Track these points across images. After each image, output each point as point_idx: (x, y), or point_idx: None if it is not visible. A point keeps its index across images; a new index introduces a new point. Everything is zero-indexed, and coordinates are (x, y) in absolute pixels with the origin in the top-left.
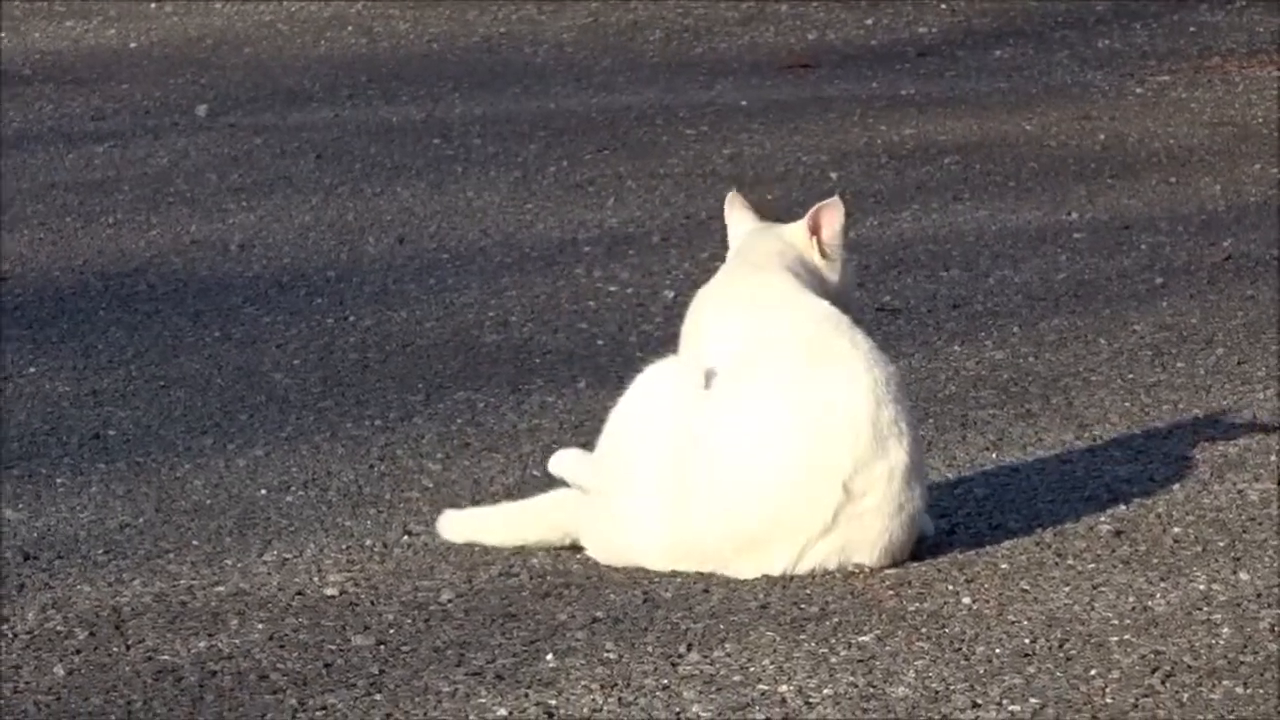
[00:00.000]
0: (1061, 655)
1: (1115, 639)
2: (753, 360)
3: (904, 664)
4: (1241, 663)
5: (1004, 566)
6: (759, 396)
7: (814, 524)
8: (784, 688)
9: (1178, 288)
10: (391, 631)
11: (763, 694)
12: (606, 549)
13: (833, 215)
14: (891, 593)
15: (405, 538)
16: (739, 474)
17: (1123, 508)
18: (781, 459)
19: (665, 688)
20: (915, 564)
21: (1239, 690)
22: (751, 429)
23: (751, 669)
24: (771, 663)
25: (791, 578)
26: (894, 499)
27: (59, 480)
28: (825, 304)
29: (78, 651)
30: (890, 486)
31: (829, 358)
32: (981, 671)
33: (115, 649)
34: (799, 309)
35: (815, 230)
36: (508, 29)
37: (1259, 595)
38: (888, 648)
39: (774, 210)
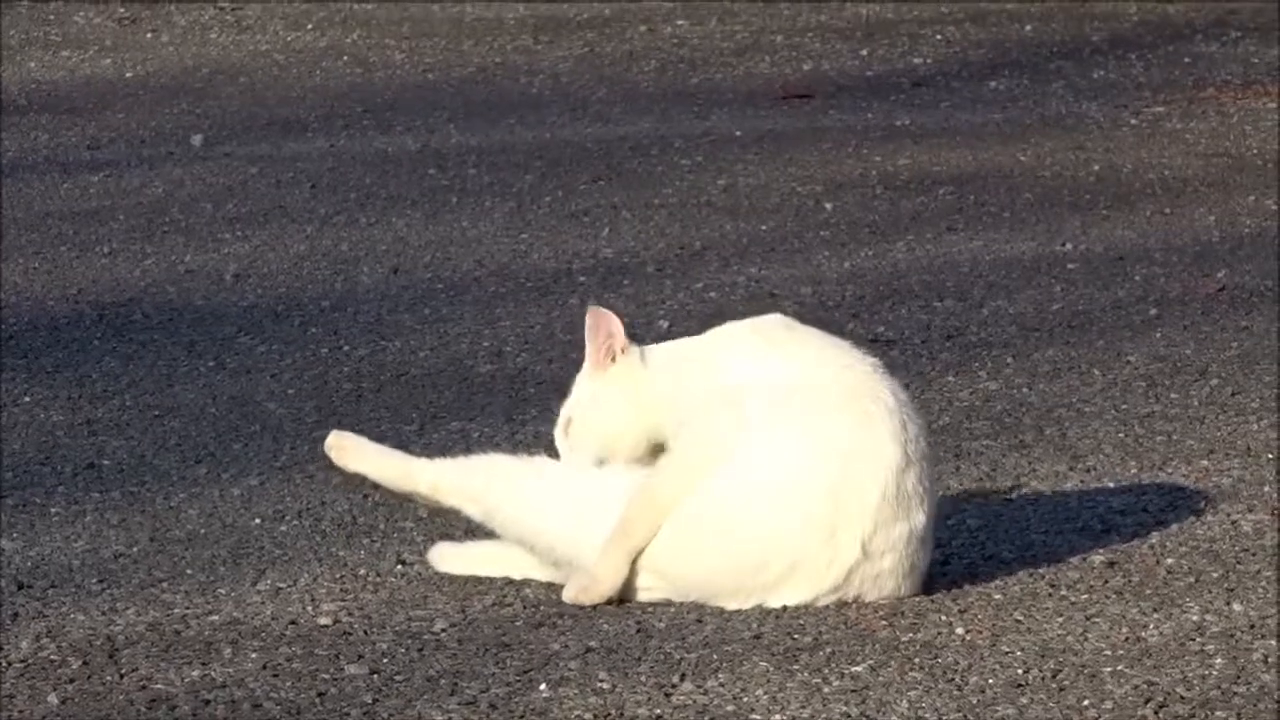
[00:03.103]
0: (1055, 686)
1: (1109, 670)
2: (787, 404)
3: (897, 694)
4: (1235, 694)
5: (997, 597)
6: (788, 443)
7: (826, 581)
8: (777, 718)
9: (1172, 319)
10: (385, 661)
11: None
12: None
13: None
14: (885, 623)
15: (399, 567)
16: (757, 521)
17: (1116, 538)
18: (804, 511)
19: (658, 717)
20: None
21: None
22: (775, 476)
23: (745, 699)
24: (765, 693)
25: (785, 608)
26: (909, 560)
27: (53, 509)
28: (860, 353)
29: (71, 680)
30: (908, 548)
31: (864, 410)
32: (975, 702)
33: (109, 678)
34: (836, 356)
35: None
36: (503, 59)
37: (1252, 626)
38: (881, 678)
39: (768, 241)
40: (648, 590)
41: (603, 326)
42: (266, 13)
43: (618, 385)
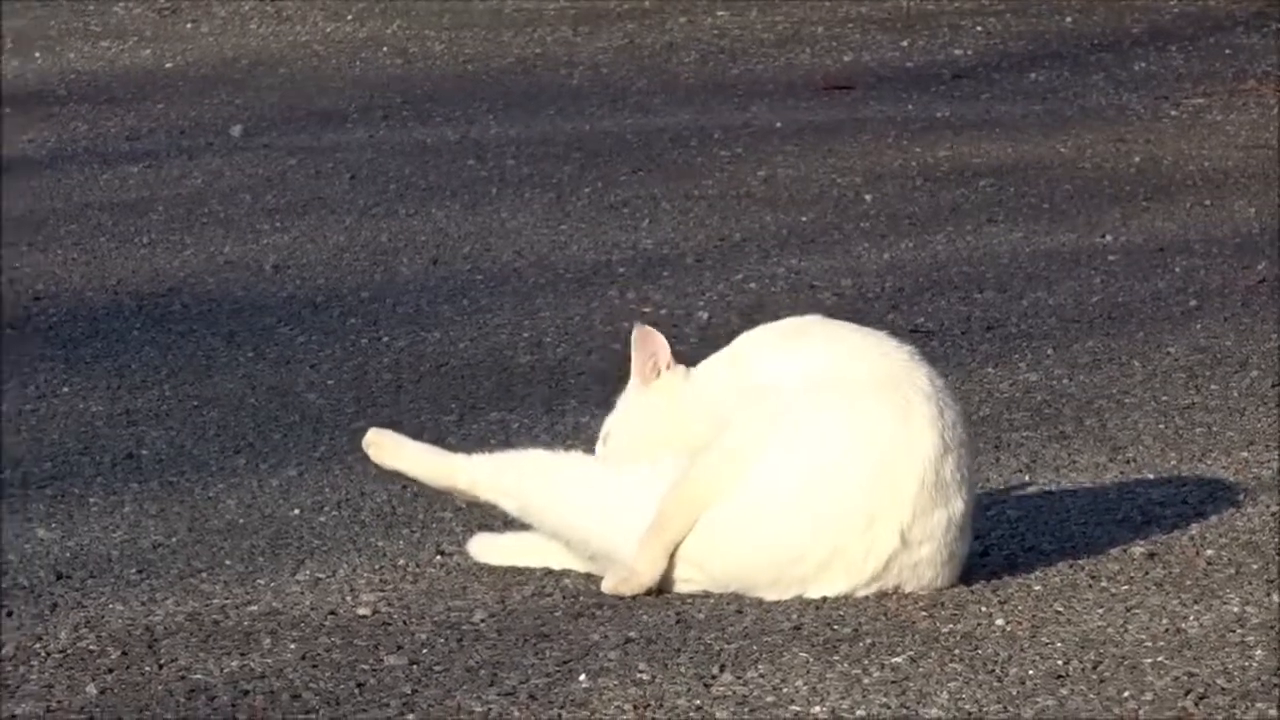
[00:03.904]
0: (1095, 677)
1: (1149, 661)
2: (824, 394)
3: (937, 685)
4: (1275, 685)
5: (1037, 588)
6: (826, 432)
7: (865, 570)
8: (817, 709)
9: (1212, 310)
10: (424, 651)
11: (796, 715)
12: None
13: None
14: (925, 614)
15: (438, 558)
16: (795, 512)
17: (1156, 530)
18: (842, 501)
19: (698, 708)
20: (949, 586)
21: (1272, 713)
22: (813, 466)
23: (784, 690)
24: (805, 683)
25: (824, 599)
26: (948, 548)
27: (92, 500)
28: (896, 342)
29: (110, 670)
30: (946, 536)
31: (901, 398)
32: (1015, 693)
33: (148, 668)
34: (873, 344)
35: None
36: (543, 50)
37: None
38: (921, 669)
39: (808, 232)
40: (687, 581)
41: (648, 344)
42: (306, 3)
43: (660, 400)
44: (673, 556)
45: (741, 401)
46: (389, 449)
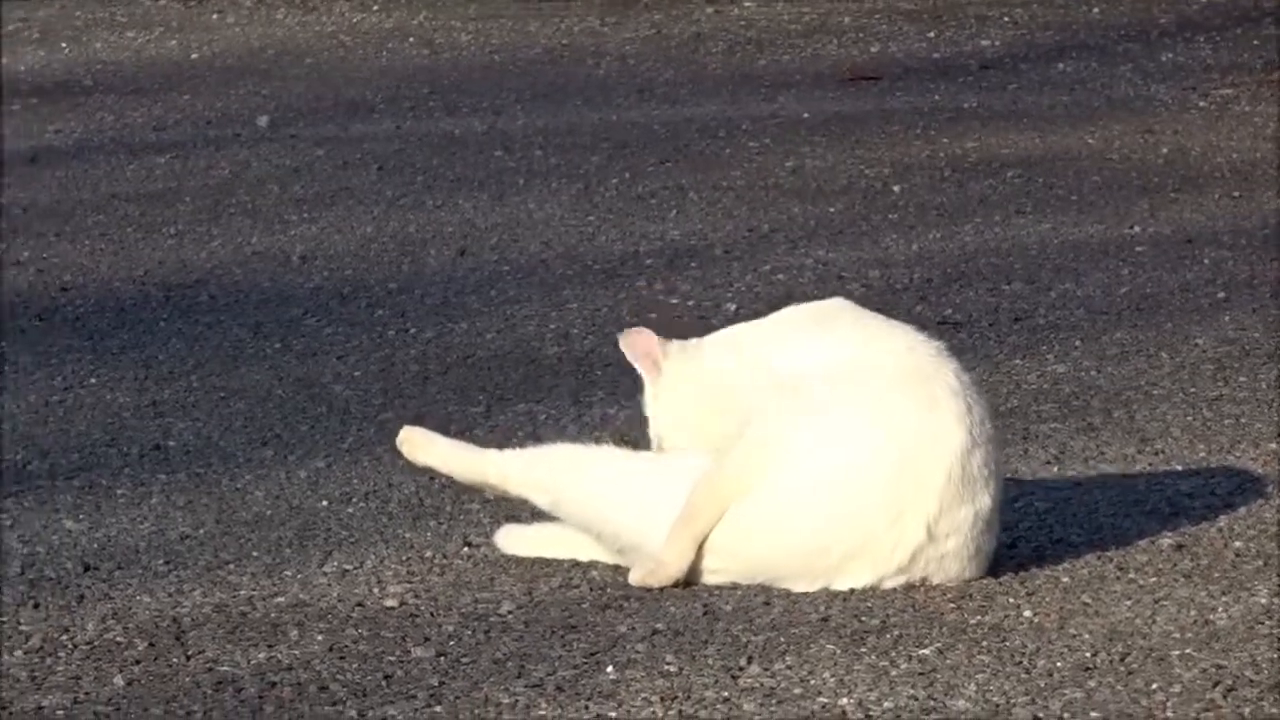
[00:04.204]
0: (1123, 669)
1: (1177, 653)
2: (851, 387)
3: (965, 677)
4: None
5: (1065, 580)
6: (853, 426)
7: (891, 563)
8: (844, 700)
9: (1240, 302)
10: (451, 643)
11: (823, 707)
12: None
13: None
14: (952, 606)
15: (465, 550)
16: (822, 504)
17: (1184, 521)
18: (869, 494)
19: (725, 700)
20: (975, 579)
21: None
22: (840, 458)
23: (812, 681)
24: (832, 675)
25: (852, 591)
26: (974, 542)
27: (119, 491)
28: (923, 336)
29: (138, 662)
30: (973, 531)
31: (928, 392)
32: (1043, 685)
33: (175, 660)
34: (899, 338)
35: None
36: (570, 41)
37: None
38: (948, 660)
39: (835, 223)
40: (714, 573)
41: (637, 347)
42: None
43: (675, 384)
44: (701, 547)
45: (769, 387)
46: (421, 445)
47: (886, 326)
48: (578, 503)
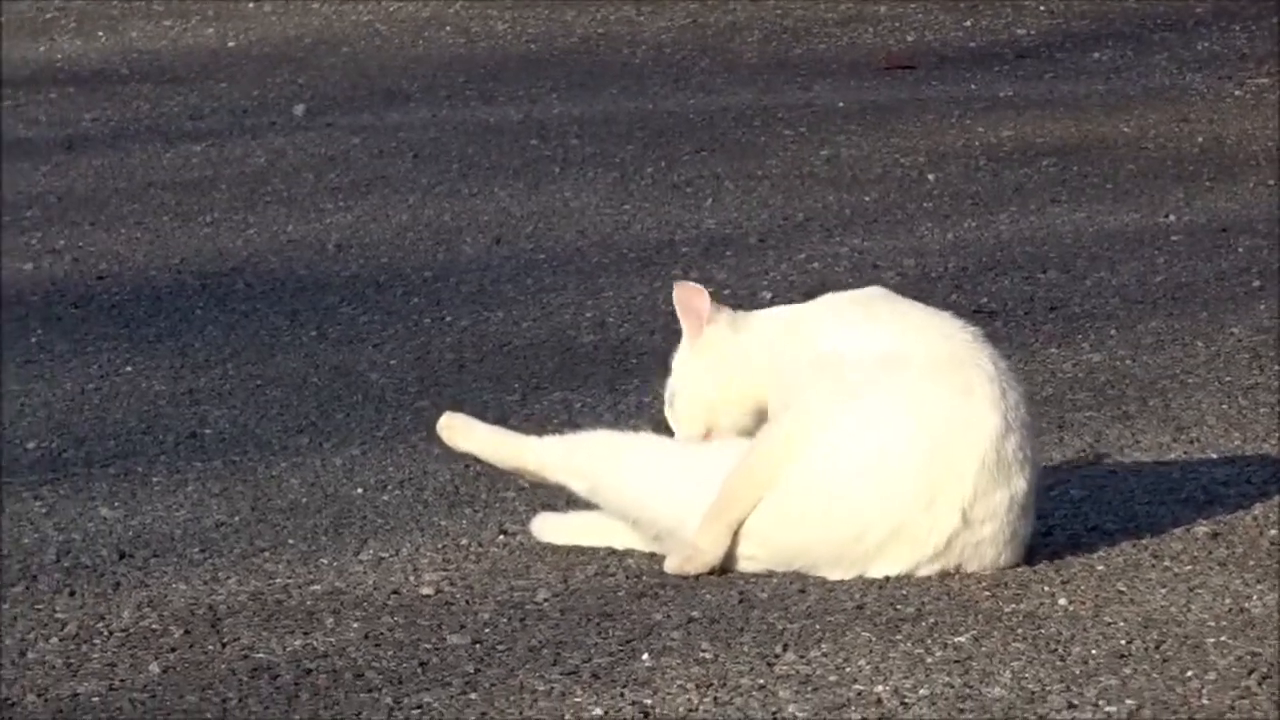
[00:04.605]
0: (1158, 656)
1: (1212, 640)
2: (886, 373)
3: (1000, 665)
4: None
5: (1100, 568)
6: (888, 411)
7: (926, 549)
8: (880, 688)
9: (1275, 290)
10: (487, 631)
11: (859, 694)
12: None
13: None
14: (987, 594)
15: (501, 537)
16: (857, 490)
17: (1220, 510)
18: (904, 480)
19: (761, 687)
20: (1011, 566)
21: None
22: (875, 444)
23: (847, 669)
24: (867, 663)
25: (887, 579)
26: (1010, 527)
27: (155, 479)
28: (960, 323)
29: (173, 649)
30: (1008, 515)
31: (964, 378)
32: (1078, 672)
33: (211, 647)
34: (935, 325)
35: None
36: (606, 29)
37: None
38: (984, 648)
39: (871, 212)
40: (750, 559)
41: (689, 300)
42: None
43: (711, 353)
44: (736, 535)
45: (805, 373)
46: (461, 431)
47: (923, 313)
48: (615, 489)
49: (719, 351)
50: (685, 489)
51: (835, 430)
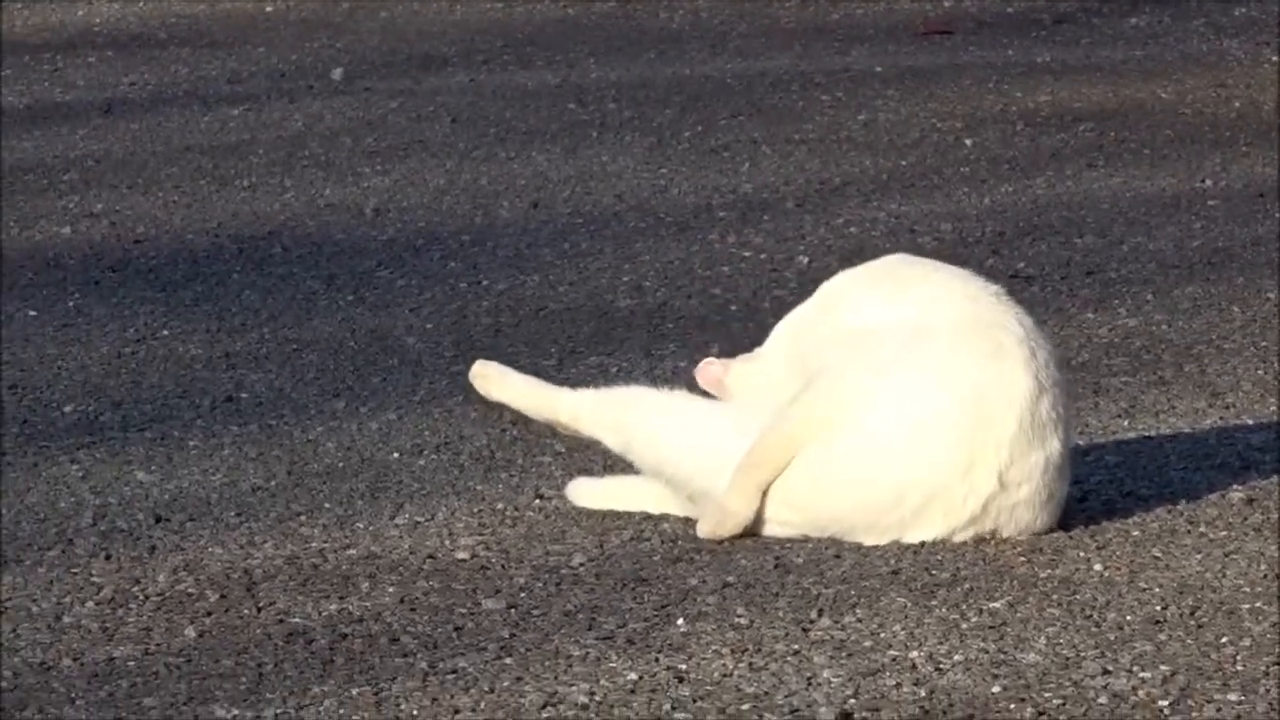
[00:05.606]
0: (1193, 622)
1: (1246, 606)
2: (916, 338)
3: (1035, 630)
4: None
5: (1135, 533)
6: (920, 377)
7: (963, 514)
8: (915, 653)
9: None
10: (522, 595)
11: (893, 659)
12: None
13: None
14: (1022, 559)
15: (537, 502)
16: (892, 457)
17: (1255, 475)
18: (939, 445)
19: (796, 652)
20: (1047, 531)
21: None
22: (910, 411)
23: (882, 634)
24: (902, 628)
25: (923, 544)
26: (1046, 489)
27: (191, 443)
28: (983, 281)
29: (209, 614)
30: (1044, 477)
31: (993, 340)
32: (1113, 638)
33: (246, 611)
34: (960, 286)
35: None
36: None
37: None
38: (1019, 614)
39: (908, 177)
40: (784, 524)
41: (706, 378)
42: None
43: (743, 394)
44: (771, 499)
45: (837, 345)
46: (494, 380)
47: (947, 275)
48: (649, 445)
49: (748, 390)
50: (720, 448)
51: (869, 397)
